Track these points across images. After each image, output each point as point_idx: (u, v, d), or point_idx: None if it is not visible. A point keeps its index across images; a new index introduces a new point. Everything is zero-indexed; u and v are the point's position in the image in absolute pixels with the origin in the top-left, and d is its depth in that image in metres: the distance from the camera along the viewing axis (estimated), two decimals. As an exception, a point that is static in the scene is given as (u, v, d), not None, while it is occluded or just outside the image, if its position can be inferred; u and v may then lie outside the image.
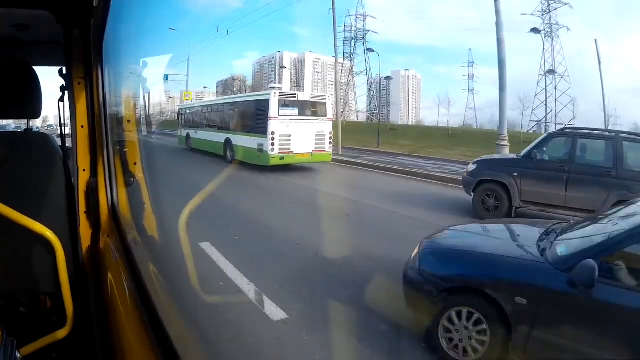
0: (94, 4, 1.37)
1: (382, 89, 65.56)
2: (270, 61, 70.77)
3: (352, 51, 61.00)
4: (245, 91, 51.38)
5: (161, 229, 2.23)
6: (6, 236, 1.40)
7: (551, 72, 44.15)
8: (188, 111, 19.05)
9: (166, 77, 27.27)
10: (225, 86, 63.60)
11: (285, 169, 11.73)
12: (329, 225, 5.63)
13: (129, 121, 2.14)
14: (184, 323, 1.40)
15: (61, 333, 1.46)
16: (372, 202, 7.86)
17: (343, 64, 58.19)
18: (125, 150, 1.93)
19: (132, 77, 2.37)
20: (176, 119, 20.83)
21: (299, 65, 69.74)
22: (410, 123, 60.83)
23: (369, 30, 60.49)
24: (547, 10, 45.36)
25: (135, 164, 1.94)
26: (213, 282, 3.74)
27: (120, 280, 1.31)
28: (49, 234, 1.44)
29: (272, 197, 8.82)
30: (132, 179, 1.89)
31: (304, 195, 9.14)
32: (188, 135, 17.79)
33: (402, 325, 2.97)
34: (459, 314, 2.50)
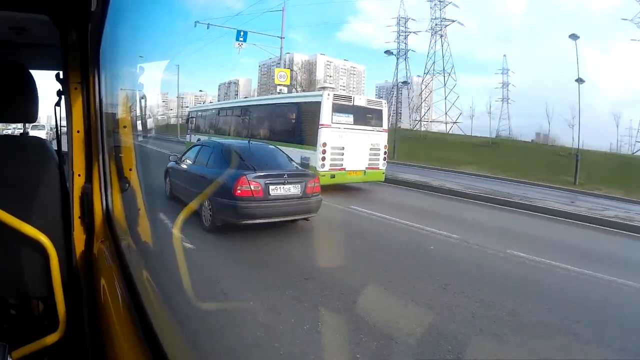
0: (92, 9, 1.38)
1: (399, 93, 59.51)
2: (279, 63, 67.29)
3: (428, 48, 47.85)
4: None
5: (155, 236, 2.22)
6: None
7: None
8: (201, 114, 16.57)
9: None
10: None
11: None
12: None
13: (125, 127, 2.14)
14: (176, 329, 1.39)
15: (53, 337, 1.44)
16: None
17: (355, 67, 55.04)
18: (120, 155, 1.93)
19: (129, 82, 2.37)
20: (186, 122, 18.43)
21: (310, 67, 63.53)
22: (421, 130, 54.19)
23: (453, 21, 45.67)
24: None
25: (130, 170, 1.93)
26: (205, 288, 3.71)
27: (113, 286, 1.30)
28: (42, 238, 1.42)
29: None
30: (127, 185, 1.89)
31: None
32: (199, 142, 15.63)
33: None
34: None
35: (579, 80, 23.54)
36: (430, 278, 4.43)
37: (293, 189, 5.70)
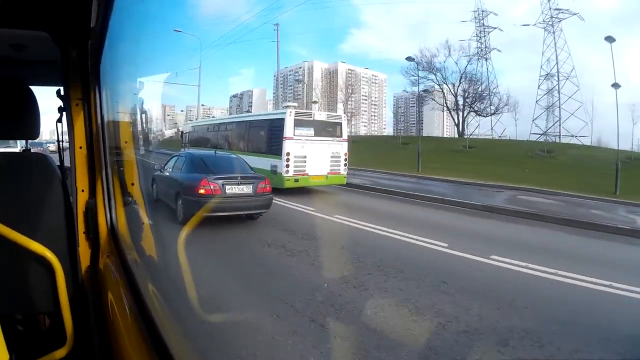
0: (91, 25, 1.39)
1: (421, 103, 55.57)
2: (297, 72, 62.63)
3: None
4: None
5: (160, 249, 2.21)
6: (5, 256, 1.39)
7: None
8: (193, 130, 18.79)
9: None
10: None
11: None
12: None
13: (126, 142, 2.15)
14: (186, 342, 1.38)
15: (61, 352, 1.44)
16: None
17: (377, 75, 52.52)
18: (123, 170, 1.93)
19: (130, 97, 2.39)
20: (180, 137, 20.63)
21: (330, 77, 60.93)
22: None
23: (574, 14, 35.21)
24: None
25: (132, 184, 1.93)
26: (213, 301, 3.69)
27: (121, 300, 1.30)
28: (48, 253, 1.42)
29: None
30: (130, 199, 1.89)
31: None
32: None
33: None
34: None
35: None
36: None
37: (246, 189, 7.10)
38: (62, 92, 1.67)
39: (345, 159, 11.97)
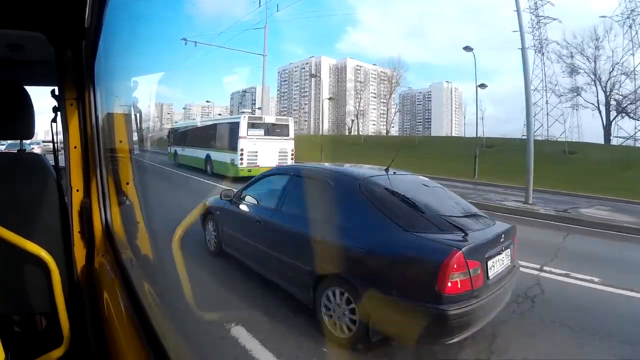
0: (86, 25, 1.40)
1: (426, 100, 53.42)
2: (303, 68, 61.54)
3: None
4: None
5: (155, 248, 2.22)
6: (0, 256, 1.39)
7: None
8: (176, 131, 21.89)
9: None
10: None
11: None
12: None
13: (121, 141, 2.15)
14: (182, 341, 1.39)
15: (57, 352, 1.45)
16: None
17: (392, 74, 49.69)
18: (117, 170, 1.94)
19: (124, 96, 2.39)
20: (167, 137, 23.57)
21: (338, 73, 58.71)
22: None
23: None
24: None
25: (127, 184, 1.94)
26: (208, 299, 3.70)
27: (116, 299, 1.31)
28: (43, 254, 1.43)
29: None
30: (125, 198, 1.90)
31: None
32: (175, 152, 20.39)
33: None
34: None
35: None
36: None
37: (506, 259, 3.24)
38: (56, 92, 1.68)
39: (292, 154, 14.78)
